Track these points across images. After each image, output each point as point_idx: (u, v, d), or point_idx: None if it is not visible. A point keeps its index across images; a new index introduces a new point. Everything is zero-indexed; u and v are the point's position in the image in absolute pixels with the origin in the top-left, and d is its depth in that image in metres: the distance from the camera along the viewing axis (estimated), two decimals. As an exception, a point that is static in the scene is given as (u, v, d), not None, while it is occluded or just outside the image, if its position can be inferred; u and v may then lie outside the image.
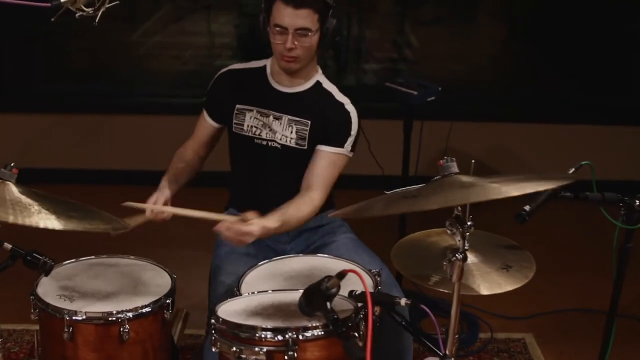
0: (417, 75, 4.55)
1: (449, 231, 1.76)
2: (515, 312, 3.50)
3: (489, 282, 1.99)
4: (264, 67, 2.55)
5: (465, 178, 1.74)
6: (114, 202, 2.19)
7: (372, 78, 4.99)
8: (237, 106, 2.53)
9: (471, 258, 1.99)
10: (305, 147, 2.49)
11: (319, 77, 2.54)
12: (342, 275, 1.62)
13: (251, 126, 2.52)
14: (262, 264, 2.36)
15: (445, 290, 1.97)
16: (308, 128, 2.47)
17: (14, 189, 1.94)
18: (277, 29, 2.36)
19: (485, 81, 4.90)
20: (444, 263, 1.75)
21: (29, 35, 4.67)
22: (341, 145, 2.46)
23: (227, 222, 2.22)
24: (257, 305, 1.95)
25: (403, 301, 1.95)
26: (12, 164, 1.89)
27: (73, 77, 4.87)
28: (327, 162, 2.45)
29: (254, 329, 1.79)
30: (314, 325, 1.78)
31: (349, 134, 2.46)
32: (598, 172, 2.13)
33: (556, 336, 3.35)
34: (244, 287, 2.19)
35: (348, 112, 2.48)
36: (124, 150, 4.78)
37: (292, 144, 2.49)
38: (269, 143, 2.52)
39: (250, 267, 2.32)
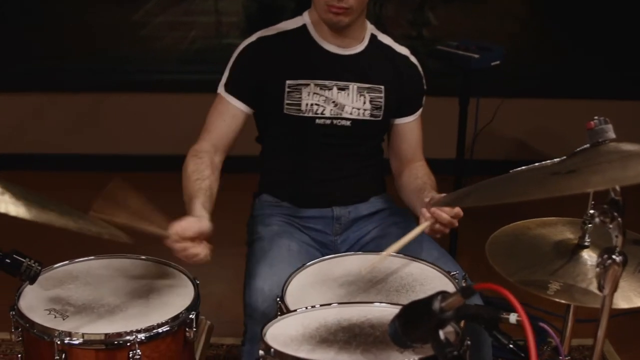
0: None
1: (598, 221, 1.23)
2: (583, 312, 3.02)
3: (626, 291, 1.50)
4: (303, 26, 2.07)
5: (627, 146, 1.21)
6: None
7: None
8: (288, 82, 2.02)
9: (592, 259, 1.54)
10: (381, 118, 2.11)
11: (372, 29, 2.13)
12: (468, 292, 1.08)
13: (311, 104, 2.03)
14: (309, 266, 1.86)
15: (566, 302, 1.52)
16: (383, 95, 2.08)
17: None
18: None
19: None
20: (597, 270, 1.22)
21: (22, 12, 4.48)
22: (420, 107, 2.20)
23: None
24: (319, 326, 1.42)
25: (513, 317, 1.41)
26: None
27: (68, 55, 4.61)
28: (416, 131, 2.21)
29: (323, 366, 1.26)
30: (411, 360, 1.25)
31: (423, 91, 2.19)
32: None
33: (632, 339, 2.91)
34: (289, 299, 1.68)
35: (415, 65, 2.18)
36: (124, 132, 4.50)
37: (367, 117, 2.08)
38: (335, 121, 2.06)
39: (295, 269, 1.83)
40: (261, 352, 1.32)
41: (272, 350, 1.30)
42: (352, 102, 2.06)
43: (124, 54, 4.60)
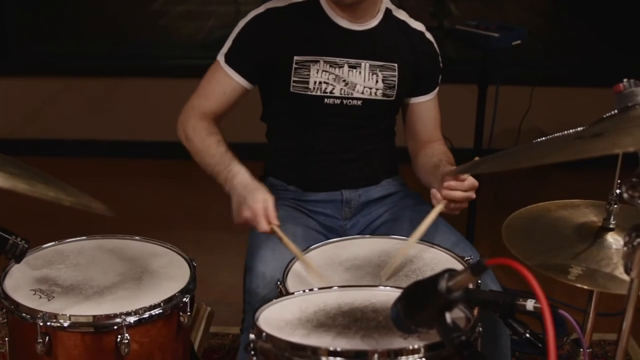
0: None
1: (626, 196, 1.10)
2: (604, 306, 2.89)
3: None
4: (314, 0, 1.94)
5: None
6: (130, 176, 1.57)
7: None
8: (296, 58, 1.90)
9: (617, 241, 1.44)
10: (393, 98, 1.99)
11: (387, 3, 2.01)
12: (479, 268, 0.95)
13: (320, 82, 1.91)
14: (313, 249, 1.76)
15: (588, 287, 1.41)
16: (396, 73, 1.96)
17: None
18: None
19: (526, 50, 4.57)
20: (624, 250, 1.09)
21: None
22: (436, 85, 2.07)
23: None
24: (318, 310, 1.30)
25: (530, 304, 1.29)
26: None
27: (85, 41, 4.65)
28: (433, 110, 2.08)
29: (316, 352, 1.13)
30: (415, 347, 1.12)
31: (439, 69, 2.06)
32: None
33: None
34: (291, 282, 1.57)
35: (431, 43, 2.05)
36: (141, 118, 4.38)
37: (379, 96, 1.96)
38: (345, 101, 1.94)
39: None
40: (252, 337, 1.21)
41: (263, 334, 1.19)
42: (364, 81, 1.93)
43: (141, 41, 4.60)
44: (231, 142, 1.92)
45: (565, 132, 1.16)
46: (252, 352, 1.20)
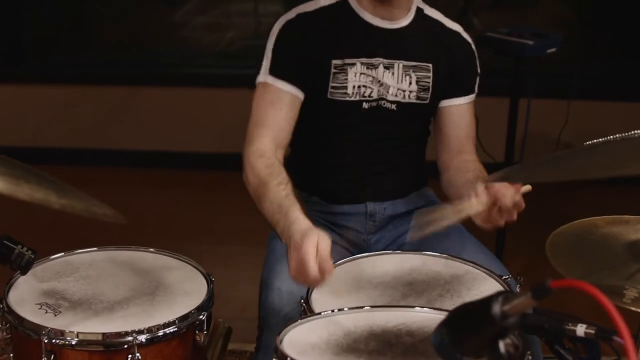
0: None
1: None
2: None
3: None
4: (343, 1, 1.84)
5: None
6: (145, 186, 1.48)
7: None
8: (334, 62, 1.78)
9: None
10: (428, 101, 1.87)
11: (418, 2, 1.90)
12: (542, 291, 0.83)
13: (359, 86, 1.80)
14: (338, 264, 1.64)
15: None
16: (431, 74, 1.85)
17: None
18: None
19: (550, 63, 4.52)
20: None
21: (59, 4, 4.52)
22: (473, 90, 1.94)
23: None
24: (348, 333, 1.19)
25: (581, 329, 1.17)
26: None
27: (104, 51, 4.64)
28: (468, 117, 1.94)
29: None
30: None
31: (477, 72, 1.94)
32: None
33: None
34: (315, 301, 1.45)
35: (469, 44, 1.94)
36: (157, 128, 4.34)
37: (412, 99, 1.84)
38: (381, 102, 1.83)
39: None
40: (275, 361, 1.10)
41: (288, 359, 1.07)
42: (397, 83, 1.82)
43: (161, 51, 4.60)
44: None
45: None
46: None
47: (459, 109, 1.93)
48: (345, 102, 1.81)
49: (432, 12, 1.92)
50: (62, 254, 1.68)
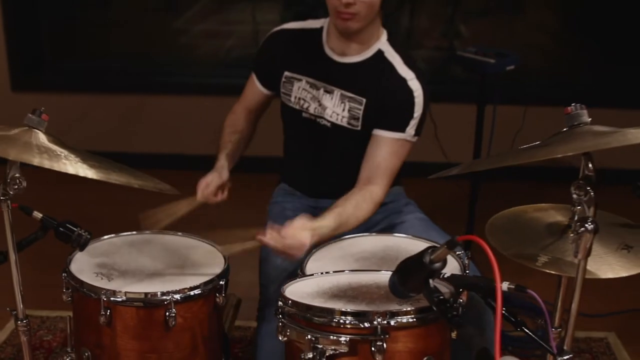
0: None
1: (574, 195, 1.41)
2: (593, 309, 3.16)
3: (609, 265, 1.67)
4: (321, 29, 2.23)
5: (599, 127, 1.40)
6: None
7: (420, 66, 4.74)
8: (286, 73, 2.23)
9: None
10: (359, 129, 2.16)
11: (382, 44, 2.18)
12: (453, 244, 1.27)
13: (299, 98, 2.22)
14: (326, 245, 2.05)
15: (555, 272, 1.66)
16: (362, 107, 2.14)
17: (42, 137, 1.65)
18: None
19: (534, 71, 4.62)
20: (571, 235, 1.40)
21: (70, 17, 4.68)
22: (402, 130, 2.10)
23: (274, 233, 1.86)
24: (332, 286, 1.62)
25: (505, 285, 1.61)
26: (42, 109, 1.57)
27: (111, 58, 4.79)
28: (387, 150, 2.11)
29: (331, 312, 1.46)
30: (407, 309, 1.44)
31: (411, 116, 2.10)
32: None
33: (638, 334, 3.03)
34: (308, 270, 1.87)
35: (411, 91, 2.11)
36: (165, 132, 4.60)
37: (344, 123, 2.17)
38: (318, 119, 2.21)
39: (314, 248, 2.00)
40: (280, 303, 1.53)
41: (289, 301, 1.51)
42: (333, 106, 2.16)
43: (164, 59, 4.74)
44: (250, 155, 2.26)
45: (528, 145, 1.47)
46: (280, 316, 1.51)
47: (380, 139, 2.11)
48: (289, 107, 2.24)
49: (391, 57, 2.14)
50: (110, 235, 2.06)
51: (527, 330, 1.62)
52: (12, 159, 1.54)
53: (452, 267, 1.92)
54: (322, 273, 1.73)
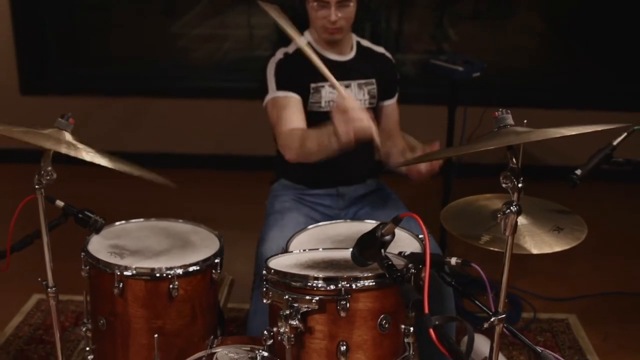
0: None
1: (503, 184, 1.74)
2: (558, 294, 3.48)
3: (540, 243, 1.98)
4: (309, 44, 2.51)
5: (522, 128, 1.73)
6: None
7: (410, 70, 4.99)
8: (312, 85, 2.54)
9: (522, 220, 1.98)
10: (375, 105, 2.64)
11: (355, 37, 2.66)
12: (397, 220, 1.61)
13: (328, 101, 2.55)
14: (309, 228, 2.37)
15: (496, 249, 1.95)
16: (375, 85, 2.62)
17: (68, 136, 1.96)
18: (316, 4, 2.43)
19: (522, 73, 4.89)
20: (498, 215, 1.72)
21: (73, 22, 4.93)
22: (396, 90, 2.72)
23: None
24: (309, 260, 1.95)
25: (453, 260, 1.94)
26: (69, 114, 1.90)
27: (111, 63, 5.00)
28: (395, 111, 2.71)
29: (305, 278, 1.79)
30: (366, 275, 1.78)
31: (398, 80, 2.73)
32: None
33: (600, 318, 3.32)
34: (292, 248, 2.20)
35: (390, 60, 2.72)
36: (165, 132, 4.82)
37: (367, 105, 2.59)
38: None
39: (298, 231, 2.33)
40: (264, 272, 1.86)
41: (272, 270, 1.84)
42: (355, 96, 2.56)
43: (163, 63, 4.96)
44: (244, 155, 2.51)
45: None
46: (265, 282, 1.85)
47: (388, 108, 2.69)
48: (320, 112, 2.53)
49: (365, 42, 2.67)
50: (121, 222, 2.35)
51: (471, 298, 1.96)
52: (47, 148, 1.85)
53: (414, 247, 2.26)
54: (300, 251, 2.06)
